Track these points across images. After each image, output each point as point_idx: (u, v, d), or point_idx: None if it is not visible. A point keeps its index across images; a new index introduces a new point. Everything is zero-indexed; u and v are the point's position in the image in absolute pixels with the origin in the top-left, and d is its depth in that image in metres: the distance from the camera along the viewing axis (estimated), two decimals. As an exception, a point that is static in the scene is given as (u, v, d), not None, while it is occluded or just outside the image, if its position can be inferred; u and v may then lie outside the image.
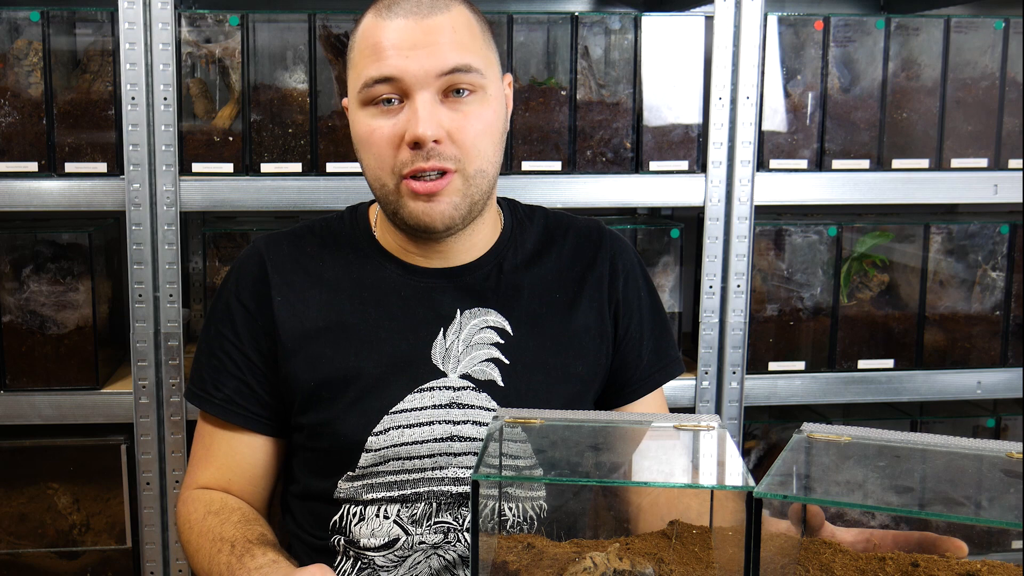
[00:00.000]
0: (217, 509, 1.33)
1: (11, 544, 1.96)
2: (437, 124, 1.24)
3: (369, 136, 1.27)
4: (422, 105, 1.24)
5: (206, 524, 1.31)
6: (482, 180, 1.30)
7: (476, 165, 1.28)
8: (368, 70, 1.25)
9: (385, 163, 1.27)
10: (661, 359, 1.45)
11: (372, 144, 1.27)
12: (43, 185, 1.80)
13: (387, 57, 1.24)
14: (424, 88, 1.24)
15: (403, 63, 1.23)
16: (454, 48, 1.25)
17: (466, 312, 1.36)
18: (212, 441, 1.39)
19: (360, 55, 1.27)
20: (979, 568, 0.93)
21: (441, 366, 1.33)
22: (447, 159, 1.25)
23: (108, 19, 1.82)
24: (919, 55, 1.99)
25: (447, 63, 1.24)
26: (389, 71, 1.24)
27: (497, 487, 1.09)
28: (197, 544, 1.30)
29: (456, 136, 1.26)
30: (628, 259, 1.44)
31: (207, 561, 1.26)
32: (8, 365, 1.87)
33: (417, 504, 1.31)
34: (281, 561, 1.18)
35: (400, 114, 1.26)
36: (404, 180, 1.26)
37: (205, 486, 1.39)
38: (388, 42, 1.24)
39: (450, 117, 1.25)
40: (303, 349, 1.34)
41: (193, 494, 1.38)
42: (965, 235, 2.08)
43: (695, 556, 1.00)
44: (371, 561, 1.32)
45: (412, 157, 1.25)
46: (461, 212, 1.29)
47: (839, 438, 1.00)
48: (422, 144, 1.24)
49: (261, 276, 1.37)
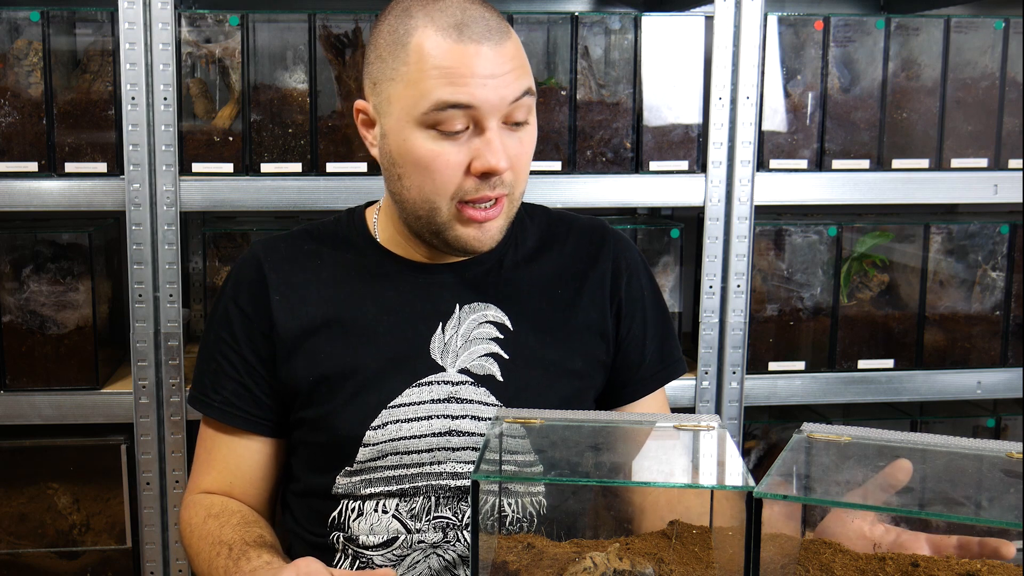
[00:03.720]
0: (217, 512, 1.33)
1: (11, 544, 1.96)
2: (507, 156, 1.24)
3: (432, 160, 1.23)
4: (495, 136, 1.23)
5: (206, 528, 1.31)
6: (520, 199, 1.32)
7: (521, 188, 1.30)
8: (440, 93, 1.20)
9: (445, 189, 1.25)
10: (664, 359, 1.45)
11: (434, 169, 1.24)
12: (43, 185, 1.80)
13: (466, 84, 1.20)
14: (496, 117, 1.23)
15: (482, 92, 1.21)
16: (522, 75, 1.24)
17: (465, 307, 1.36)
18: (213, 445, 1.40)
19: (424, 75, 1.21)
20: (979, 568, 0.93)
21: (440, 360, 1.33)
22: (506, 187, 1.26)
23: (108, 19, 1.82)
24: (919, 55, 1.99)
25: (519, 91, 1.23)
26: (466, 99, 1.20)
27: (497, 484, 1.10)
28: (198, 548, 1.31)
29: (515, 164, 1.26)
30: (631, 258, 1.44)
31: (207, 565, 1.27)
32: (8, 365, 1.86)
33: (416, 499, 1.32)
34: (275, 562, 1.19)
35: (466, 140, 1.23)
36: (460, 205, 1.26)
37: (207, 490, 1.40)
38: (466, 69, 1.20)
39: (513, 146, 1.25)
40: (302, 346, 1.34)
41: (195, 498, 1.39)
42: (965, 235, 2.08)
43: (695, 556, 1.00)
44: (370, 561, 1.32)
45: (477, 186, 1.24)
46: (504, 233, 1.31)
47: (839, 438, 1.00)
48: (495, 174, 1.23)
49: (258, 278, 1.37)
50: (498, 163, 1.22)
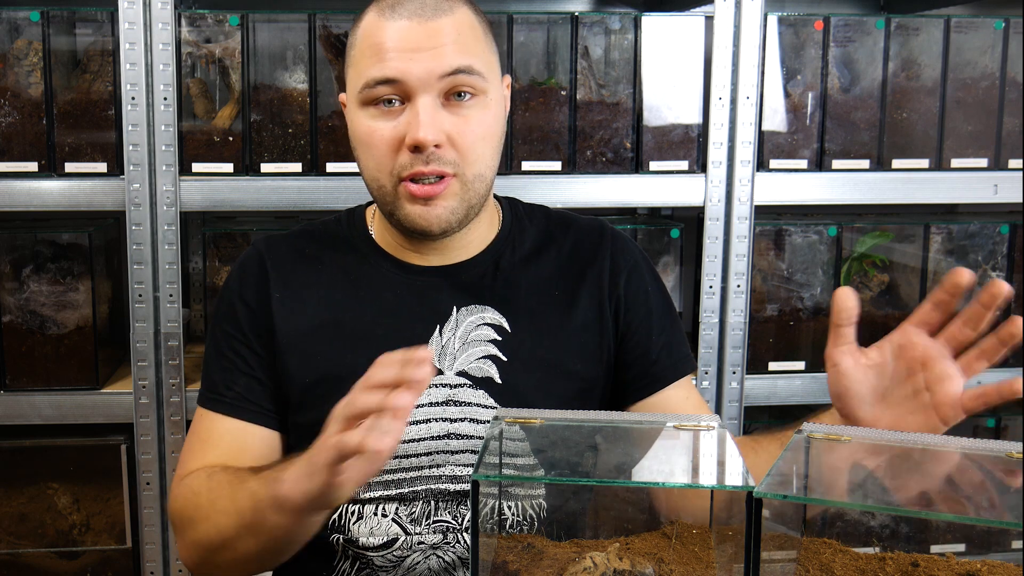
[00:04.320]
0: (221, 470, 1.25)
1: (11, 544, 1.96)
2: (438, 128, 1.23)
3: (369, 137, 1.27)
4: (423, 109, 1.23)
5: (215, 480, 1.23)
6: (480, 184, 1.29)
7: (475, 170, 1.28)
8: (370, 70, 1.24)
9: (384, 165, 1.27)
10: (672, 355, 1.42)
11: (371, 145, 1.27)
12: (43, 185, 1.80)
13: (389, 59, 1.23)
14: (426, 91, 1.23)
15: (406, 65, 1.23)
16: (457, 51, 1.24)
17: (463, 309, 1.36)
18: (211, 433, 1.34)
19: (361, 54, 1.26)
20: (979, 568, 0.93)
21: (437, 363, 1.33)
22: (446, 163, 1.25)
23: (108, 19, 1.82)
24: (919, 55, 1.99)
25: (450, 65, 1.23)
26: (391, 72, 1.23)
27: (497, 486, 1.09)
28: (210, 500, 1.21)
29: (456, 141, 1.25)
30: (631, 255, 1.44)
31: (230, 502, 1.17)
32: (8, 365, 1.86)
33: (415, 502, 1.31)
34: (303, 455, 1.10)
35: (401, 116, 1.25)
36: (402, 182, 1.26)
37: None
38: (391, 43, 1.23)
39: (451, 121, 1.25)
40: (298, 347, 1.34)
41: (189, 476, 1.29)
42: (965, 235, 2.07)
43: (695, 556, 1.00)
44: (370, 561, 1.32)
45: (411, 160, 1.24)
46: (458, 216, 1.29)
47: (839, 438, 1.00)
48: (423, 148, 1.23)
49: (261, 274, 1.37)
50: (424, 136, 1.22)
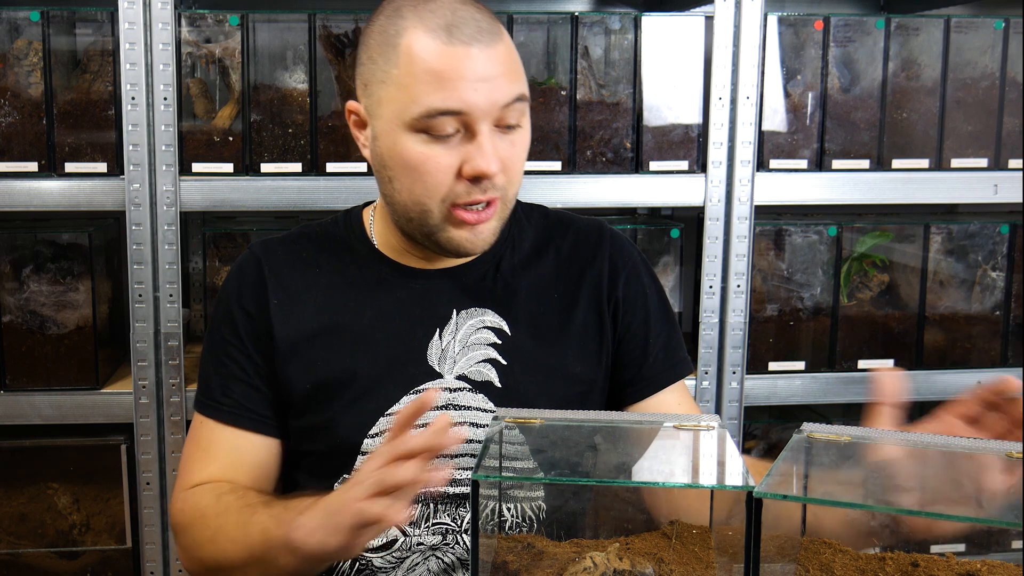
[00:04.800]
0: (229, 491, 1.28)
1: (11, 544, 1.96)
2: (499, 159, 1.22)
3: (423, 164, 1.22)
4: (486, 140, 1.21)
5: (223, 503, 1.25)
6: (513, 201, 1.31)
7: (514, 190, 1.29)
8: (430, 99, 1.19)
9: (435, 191, 1.23)
10: (669, 358, 1.43)
11: (425, 172, 1.22)
12: (43, 185, 1.80)
13: (455, 89, 1.18)
14: (486, 120, 1.21)
15: (471, 96, 1.19)
16: (514, 79, 1.23)
17: (463, 312, 1.35)
18: (211, 442, 1.35)
19: (415, 79, 1.19)
20: (979, 568, 0.93)
21: (437, 367, 1.33)
22: (498, 189, 1.25)
23: (108, 19, 1.82)
24: (919, 55, 1.99)
25: (510, 95, 1.21)
26: (456, 105, 1.19)
27: (497, 488, 1.09)
28: (219, 523, 1.23)
29: (507, 167, 1.24)
30: (630, 257, 1.44)
31: (239, 530, 1.19)
32: (8, 365, 1.86)
33: (415, 505, 1.31)
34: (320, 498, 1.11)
35: (457, 144, 1.22)
36: (453, 208, 1.25)
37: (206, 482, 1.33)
38: (454, 72, 1.18)
39: (505, 149, 1.24)
40: (299, 352, 1.33)
41: (195, 490, 1.32)
42: (965, 235, 2.07)
43: (695, 556, 1.00)
44: (369, 562, 1.31)
45: (468, 189, 1.23)
46: (496, 235, 1.30)
47: (839, 438, 1.00)
48: (485, 179, 1.22)
49: (259, 279, 1.36)
50: (488, 167, 1.21)
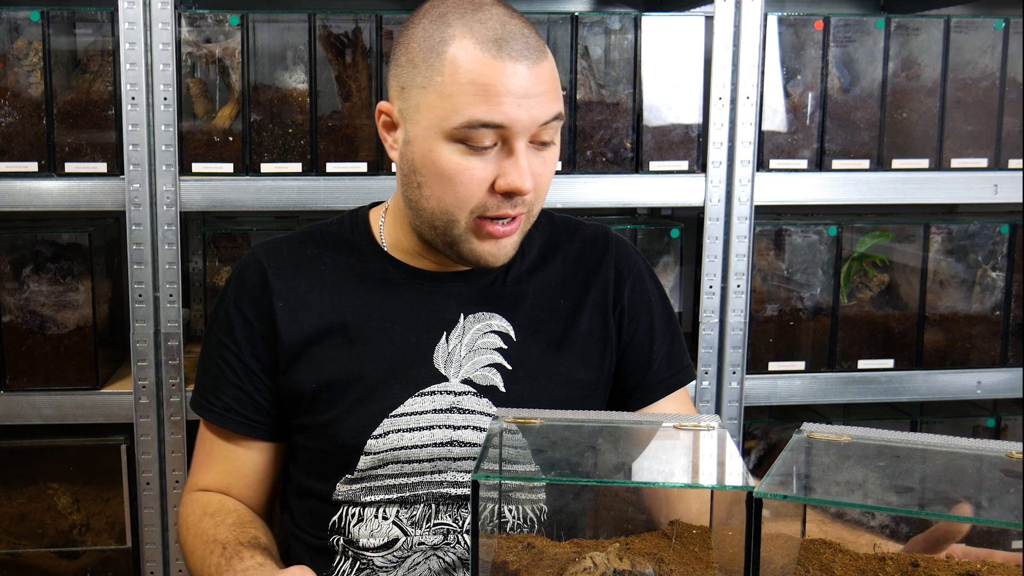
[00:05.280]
0: (213, 511, 1.34)
1: (11, 544, 1.96)
2: (532, 176, 1.23)
3: (458, 174, 1.22)
4: (523, 157, 1.22)
5: (201, 526, 1.32)
6: (536, 215, 1.32)
7: (540, 206, 1.30)
8: (474, 111, 1.18)
9: (467, 202, 1.23)
10: (673, 364, 1.43)
11: (459, 183, 1.22)
12: (43, 185, 1.80)
13: (500, 103, 1.18)
14: (525, 137, 1.22)
15: (515, 112, 1.19)
16: (555, 97, 1.23)
17: (470, 316, 1.35)
18: (213, 446, 1.41)
19: (462, 90, 1.19)
20: (979, 568, 0.93)
21: (443, 370, 1.33)
22: (526, 205, 1.26)
23: (108, 19, 1.82)
24: (919, 55, 1.99)
25: (550, 113, 1.22)
26: (500, 119, 1.19)
27: (497, 488, 1.09)
28: (193, 545, 1.32)
29: (538, 184, 1.25)
30: (635, 264, 1.44)
31: (200, 562, 1.28)
32: (8, 365, 1.86)
33: (416, 506, 1.31)
34: (268, 564, 1.20)
35: (493, 157, 1.22)
36: (481, 220, 1.25)
37: (206, 488, 1.40)
38: (503, 87, 1.18)
39: (538, 166, 1.25)
40: (305, 352, 1.34)
41: (192, 496, 1.39)
42: (965, 235, 2.08)
43: (695, 556, 1.00)
44: (370, 562, 1.32)
45: (500, 204, 1.23)
46: (517, 247, 1.31)
47: (839, 438, 1.00)
48: (517, 195, 1.23)
49: (261, 283, 1.36)
50: (523, 183, 1.21)
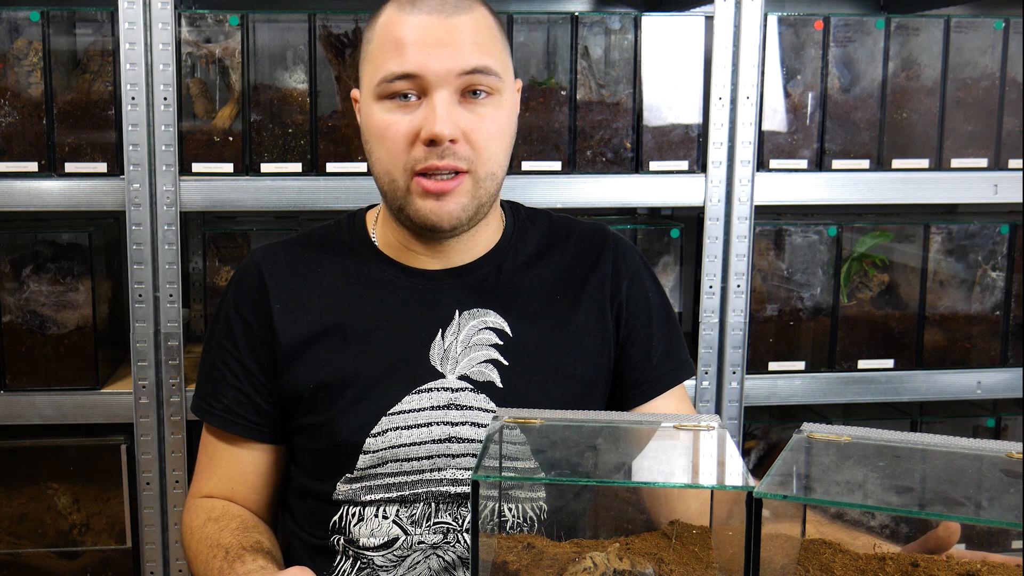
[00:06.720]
0: (217, 516, 1.35)
1: (11, 544, 1.96)
2: (454, 123, 1.24)
3: (384, 130, 1.27)
4: (440, 104, 1.24)
5: (205, 531, 1.33)
6: (491, 183, 1.30)
7: (487, 168, 1.29)
8: (388, 65, 1.25)
9: (398, 158, 1.27)
10: (672, 360, 1.44)
11: (386, 139, 1.27)
12: (43, 185, 1.80)
13: (409, 53, 1.24)
14: (443, 87, 1.24)
15: (425, 60, 1.23)
16: (476, 49, 1.25)
17: (465, 313, 1.36)
18: (215, 451, 1.41)
19: (380, 49, 1.27)
20: (979, 568, 0.93)
21: (439, 367, 1.33)
22: (461, 159, 1.26)
23: (108, 19, 1.82)
24: (919, 55, 1.99)
25: (468, 63, 1.24)
26: (410, 67, 1.24)
27: (497, 488, 1.09)
28: (196, 550, 1.32)
29: (471, 137, 1.26)
30: (632, 261, 1.44)
31: (204, 567, 1.28)
32: (8, 365, 1.86)
33: (416, 504, 1.31)
34: (269, 567, 1.20)
35: (417, 111, 1.26)
36: (415, 177, 1.27)
37: (209, 495, 1.41)
38: (410, 38, 1.24)
39: (467, 118, 1.26)
40: (303, 353, 1.34)
41: (197, 502, 1.40)
42: (965, 235, 2.08)
43: (695, 556, 1.00)
44: (370, 561, 1.32)
45: (426, 154, 1.25)
46: (468, 213, 1.30)
47: (839, 438, 1.00)
48: (438, 142, 1.24)
49: (259, 286, 1.37)
50: (441, 130, 1.23)
